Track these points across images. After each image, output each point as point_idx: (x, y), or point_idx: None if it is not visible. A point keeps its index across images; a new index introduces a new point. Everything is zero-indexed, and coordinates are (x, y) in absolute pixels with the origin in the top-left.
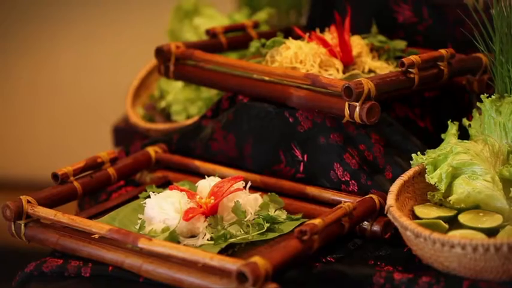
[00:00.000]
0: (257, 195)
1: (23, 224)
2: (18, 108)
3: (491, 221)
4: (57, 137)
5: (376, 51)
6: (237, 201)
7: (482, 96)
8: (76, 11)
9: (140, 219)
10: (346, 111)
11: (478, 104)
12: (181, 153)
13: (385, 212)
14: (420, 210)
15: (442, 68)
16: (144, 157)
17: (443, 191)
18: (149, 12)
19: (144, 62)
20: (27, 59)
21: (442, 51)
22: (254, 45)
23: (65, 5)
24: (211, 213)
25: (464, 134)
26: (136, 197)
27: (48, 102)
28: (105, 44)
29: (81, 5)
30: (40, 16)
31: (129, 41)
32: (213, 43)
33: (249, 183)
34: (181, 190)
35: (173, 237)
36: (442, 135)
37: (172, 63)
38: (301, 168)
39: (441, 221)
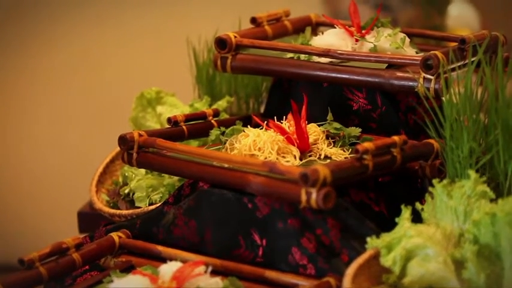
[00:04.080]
0: (217, 279)
1: None
2: None
3: None
4: (23, 223)
5: (332, 138)
6: (198, 285)
7: (434, 181)
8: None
9: None
10: (303, 197)
11: (430, 188)
12: (144, 239)
13: None
14: None
15: (395, 154)
16: (108, 242)
17: (397, 273)
18: (112, 99)
19: (108, 148)
20: None
21: (395, 138)
22: (214, 133)
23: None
24: None
25: (417, 218)
26: (100, 282)
27: (15, 188)
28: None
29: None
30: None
31: (92, 128)
32: (175, 131)
33: (210, 268)
34: (144, 275)
35: None
36: (396, 219)
37: (135, 151)
38: (260, 252)
39: None
